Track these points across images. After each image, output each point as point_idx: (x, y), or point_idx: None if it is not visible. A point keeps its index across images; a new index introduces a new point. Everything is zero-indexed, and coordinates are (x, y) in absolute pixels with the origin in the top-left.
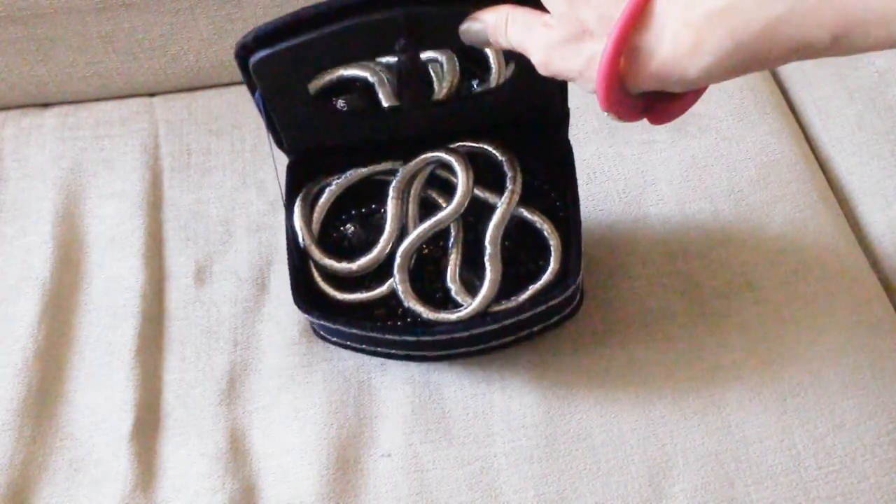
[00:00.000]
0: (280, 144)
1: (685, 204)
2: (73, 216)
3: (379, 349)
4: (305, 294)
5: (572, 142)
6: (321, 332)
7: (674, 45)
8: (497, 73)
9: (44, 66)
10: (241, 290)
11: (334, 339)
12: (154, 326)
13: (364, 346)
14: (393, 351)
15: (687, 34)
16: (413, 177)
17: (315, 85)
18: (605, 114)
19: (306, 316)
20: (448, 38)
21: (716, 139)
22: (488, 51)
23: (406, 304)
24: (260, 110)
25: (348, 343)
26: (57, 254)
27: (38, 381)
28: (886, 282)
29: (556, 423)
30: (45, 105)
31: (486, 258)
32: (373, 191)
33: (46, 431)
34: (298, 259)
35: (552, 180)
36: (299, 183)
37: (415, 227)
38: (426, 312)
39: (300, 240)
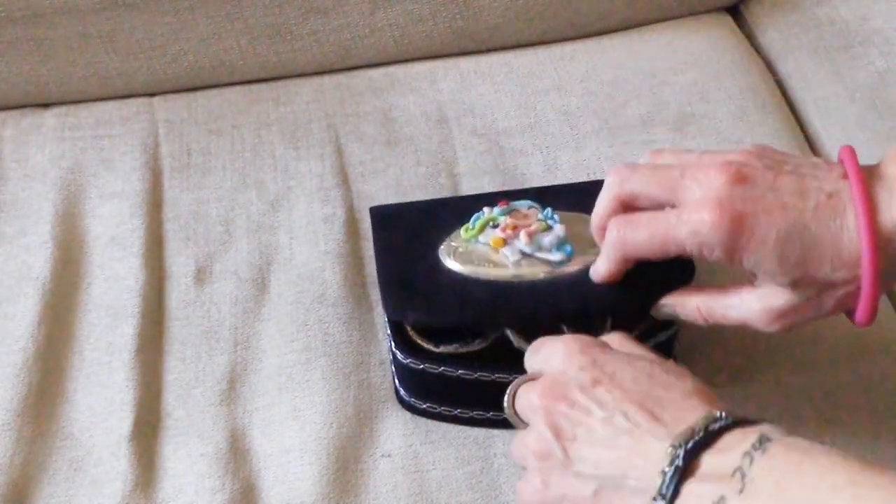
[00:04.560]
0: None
1: None
2: (73, 216)
3: (479, 413)
4: (404, 344)
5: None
6: (412, 400)
7: None
8: None
9: (44, 66)
10: (241, 290)
11: (425, 404)
12: (154, 326)
13: (459, 411)
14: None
15: None
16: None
17: None
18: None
19: (408, 360)
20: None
21: (716, 139)
22: None
23: (516, 345)
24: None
25: (442, 408)
26: (57, 254)
27: (38, 381)
28: None
29: None
30: (45, 105)
31: None
32: None
33: (46, 431)
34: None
35: None
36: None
37: None
38: None
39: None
